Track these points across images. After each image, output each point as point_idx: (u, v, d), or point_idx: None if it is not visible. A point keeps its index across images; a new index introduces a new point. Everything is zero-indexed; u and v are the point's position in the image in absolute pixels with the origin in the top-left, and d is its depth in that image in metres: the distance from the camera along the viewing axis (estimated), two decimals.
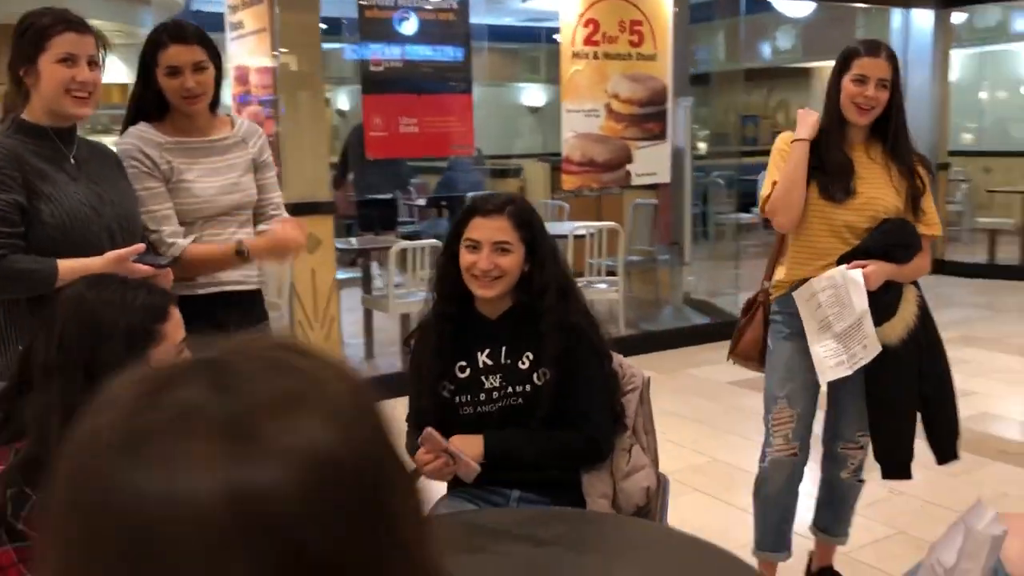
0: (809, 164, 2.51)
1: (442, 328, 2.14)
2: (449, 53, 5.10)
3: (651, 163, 5.78)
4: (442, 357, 2.14)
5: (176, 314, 1.51)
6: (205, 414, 0.43)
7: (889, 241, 2.50)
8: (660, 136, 5.79)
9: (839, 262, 2.50)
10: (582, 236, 5.72)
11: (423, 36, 5.02)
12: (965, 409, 2.77)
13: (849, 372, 2.48)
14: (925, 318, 2.58)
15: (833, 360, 2.49)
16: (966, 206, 9.48)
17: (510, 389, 2.10)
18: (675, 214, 6.20)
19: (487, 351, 2.14)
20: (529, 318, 2.12)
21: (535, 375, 2.09)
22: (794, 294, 2.54)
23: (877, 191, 2.50)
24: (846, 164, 2.51)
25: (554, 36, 10.05)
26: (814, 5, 9.30)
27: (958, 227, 9.19)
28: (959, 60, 9.85)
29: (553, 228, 6.03)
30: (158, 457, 0.42)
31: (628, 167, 5.71)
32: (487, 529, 1.67)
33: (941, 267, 8.54)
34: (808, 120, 2.54)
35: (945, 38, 8.25)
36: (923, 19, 8.25)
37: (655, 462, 2.18)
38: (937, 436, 2.62)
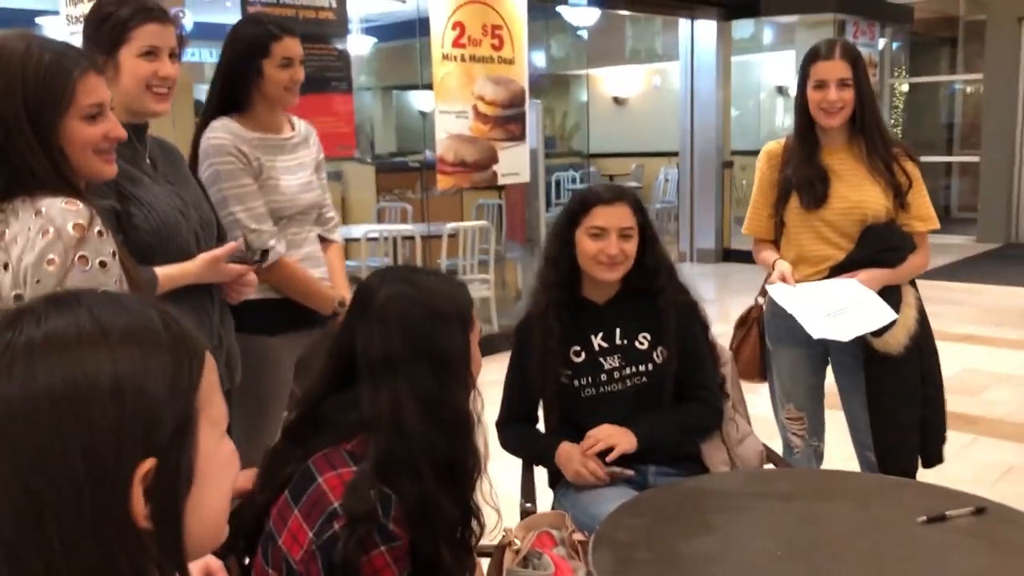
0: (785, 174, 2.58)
1: (560, 314, 2.21)
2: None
3: (513, 163, 5.97)
4: (562, 344, 2.21)
5: None
6: None
7: (877, 247, 2.48)
8: (520, 137, 5.99)
9: (831, 275, 2.49)
10: (454, 235, 5.81)
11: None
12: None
13: (842, 338, 2.38)
14: (923, 320, 2.52)
15: (828, 323, 2.38)
16: (741, 200, 10.56)
17: (631, 369, 2.21)
18: (531, 212, 6.43)
19: (600, 334, 2.23)
20: (637, 300, 2.24)
21: (655, 353, 2.21)
22: (769, 287, 2.50)
23: (860, 192, 2.48)
24: (812, 173, 2.51)
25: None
26: (598, 12, 9.88)
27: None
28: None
29: (422, 229, 6.06)
30: None
31: (494, 167, 5.87)
32: (722, 492, 1.79)
33: (727, 255, 9.49)
34: (777, 271, 2.53)
35: (726, 47, 9.15)
36: (707, 30, 9.10)
37: None
38: (926, 439, 2.58)
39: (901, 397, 2.50)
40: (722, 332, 2.76)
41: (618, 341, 2.22)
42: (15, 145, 1.44)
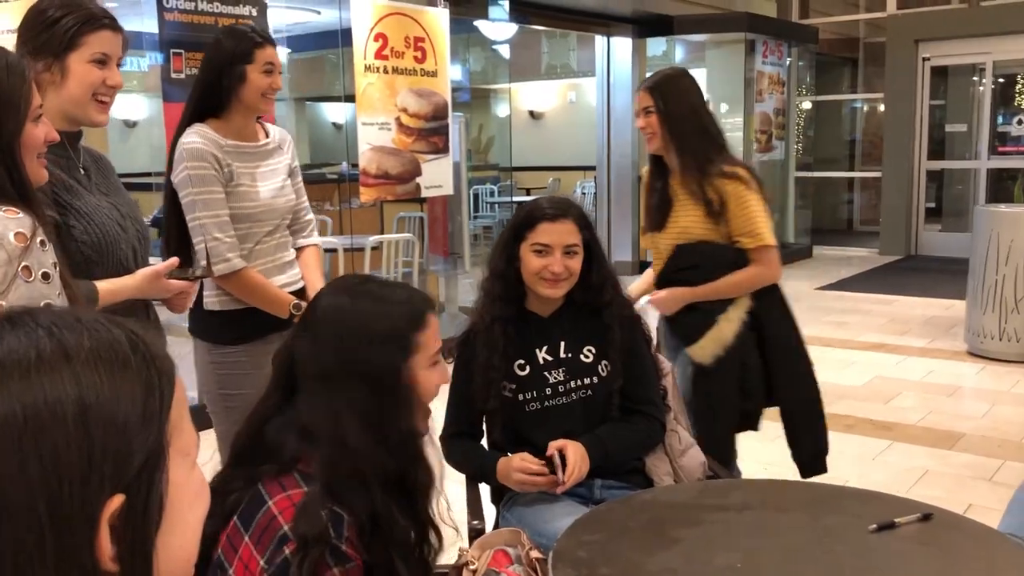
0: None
1: (505, 328, 2.18)
2: None
3: (437, 176, 5.93)
4: (506, 358, 2.18)
5: (434, 323, 1.46)
6: None
7: (676, 267, 2.65)
8: (444, 150, 5.96)
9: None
10: (377, 248, 5.74)
11: None
12: None
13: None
14: (752, 336, 2.62)
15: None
16: None
17: (576, 383, 2.20)
18: (454, 225, 6.40)
19: (545, 348, 2.21)
20: (582, 313, 2.23)
21: (599, 367, 2.21)
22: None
23: (686, 218, 2.64)
24: (654, 201, 2.70)
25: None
26: (516, 28, 9.93)
27: None
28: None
29: (344, 242, 5.96)
30: None
31: (418, 179, 5.81)
32: (678, 505, 1.78)
33: (644, 268, 9.62)
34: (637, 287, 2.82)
35: (641, 64, 9.31)
36: (623, 47, 9.24)
37: None
38: (800, 450, 2.69)
39: (709, 405, 2.61)
40: None
41: (562, 354, 2.21)
42: None
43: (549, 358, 2.20)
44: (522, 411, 2.18)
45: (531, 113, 13.68)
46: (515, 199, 11.61)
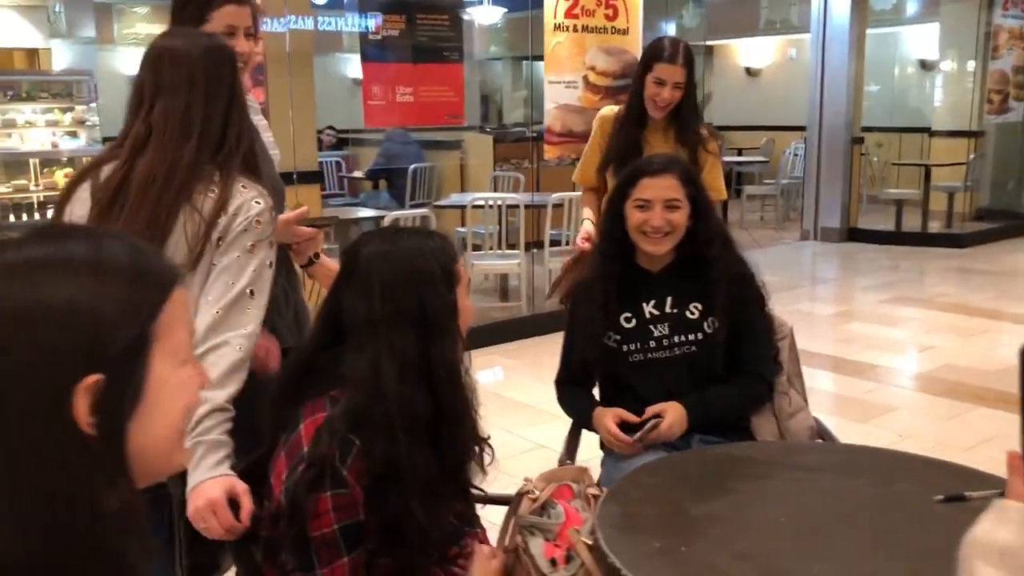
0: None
1: (607, 285, 2.25)
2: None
3: None
4: (609, 311, 2.25)
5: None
6: None
7: None
8: None
9: None
10: (559, 205, 5.88)
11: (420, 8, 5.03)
12: (931, 361, 2.89)
13: None
14: None
15: None
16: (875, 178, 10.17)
17: (680, 338, 2.23)
18: None
19: (652, 303, 2.26)
20: (692, 270, 2.25)
21: (705, 323, 2.23)
22: None
23: None
24: (630, 145, 2.88)
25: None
26: None
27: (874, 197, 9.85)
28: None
29: (526, 199, 6.15)
30: None
31: None
32: (750, 460, 1.81)
33: (853, 235, 9.16)
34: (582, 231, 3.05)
35: (861, 19, 8.78)
36: (842, 0, 8.76)
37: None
38: None
39: None
40: (836, 312, 2.66)
41: (668, 310, 2.25)
42: (231, 121, 1.70)
43: (655, 312, 2.25)
44: (625, 361, 2.25)
45: (747, 70, 13.24)
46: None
